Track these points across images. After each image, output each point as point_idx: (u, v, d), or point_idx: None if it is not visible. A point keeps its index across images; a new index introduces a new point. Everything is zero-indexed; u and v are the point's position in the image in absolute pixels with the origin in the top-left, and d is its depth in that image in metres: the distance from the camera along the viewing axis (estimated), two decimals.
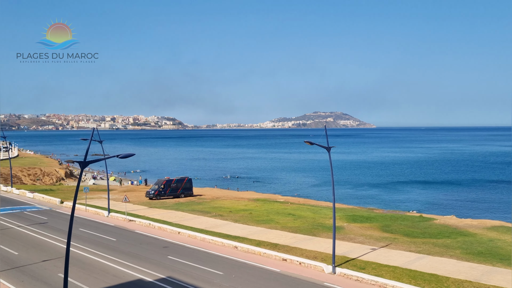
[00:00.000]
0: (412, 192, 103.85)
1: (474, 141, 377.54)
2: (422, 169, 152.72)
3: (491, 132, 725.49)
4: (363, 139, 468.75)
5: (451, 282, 28.93)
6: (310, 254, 36.18)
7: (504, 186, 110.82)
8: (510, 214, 75.98)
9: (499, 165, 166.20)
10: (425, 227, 47.71)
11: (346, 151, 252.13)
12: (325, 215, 54.67)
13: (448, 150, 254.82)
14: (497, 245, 39.22)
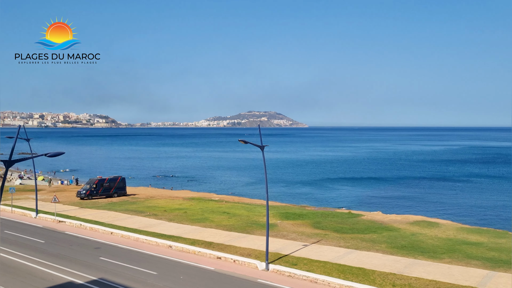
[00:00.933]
0: (342, 189, 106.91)
1: (399, 141, 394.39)
2: (351, 168, 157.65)
3: (415, 132, 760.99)
4: (296, 138, 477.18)
5: (377, 275, 30.08)
6: (244, 251, 36.39)
7: (426, 183, 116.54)
8: (431, 209, 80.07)
9: (421, 163, 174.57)
10: (353, 223, 49.29)
11: (280, 150, 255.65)
12: (259, 213, 55.16)
13: (375, 149, 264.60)
14: (418, 238, 41.22)
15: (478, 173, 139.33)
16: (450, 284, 28.32)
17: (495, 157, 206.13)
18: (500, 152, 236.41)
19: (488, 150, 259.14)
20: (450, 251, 36.66)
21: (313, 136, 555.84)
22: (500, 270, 31.28)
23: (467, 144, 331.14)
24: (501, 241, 40.86)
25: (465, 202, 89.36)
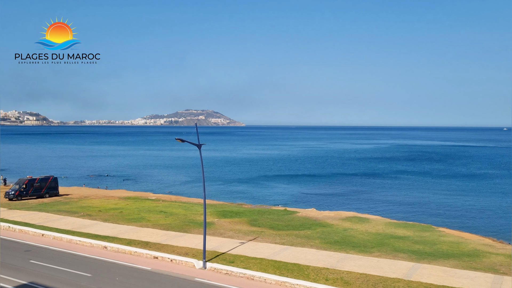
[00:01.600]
0: (278, 187, 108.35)
1: (332, 139, 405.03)
2: (287, 166, 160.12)
3: (347, 131, 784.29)
4: (233, 136, 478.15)
5: (311, 270, 30.82)
6: (181, 250, 36.11)
7: (357, 180, 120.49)
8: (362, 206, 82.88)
9: (352, 161, 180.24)
10: (289, 220, 50.16)
11: (217, 148, 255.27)
12: (196, 211, 54.88)
13: (310, 148, 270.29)
14: (350, 234, 42.61)
15: (404, 170, 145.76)
16: (379, 276, 29.50)
17: (420, 155, 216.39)
18: (425, 150, 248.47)
19: (414, 148, 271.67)
20: (379, 245, 38.16)
21: (250, 134, 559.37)
22: (424, 262, 32.94)
23: (395, 142, 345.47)
24: (426, 235, 43.05)
25: (393, 198, 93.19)
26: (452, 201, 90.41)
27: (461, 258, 34.29)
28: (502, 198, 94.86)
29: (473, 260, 33.81)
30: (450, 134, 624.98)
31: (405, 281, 28.63)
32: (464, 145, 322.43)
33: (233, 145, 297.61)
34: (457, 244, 39.42)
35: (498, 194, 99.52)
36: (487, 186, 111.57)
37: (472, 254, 35.69)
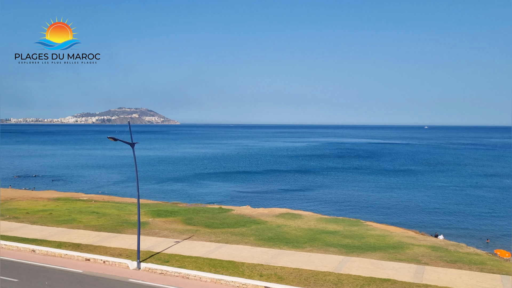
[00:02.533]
0: (213, 185, 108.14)
1: (265, 138, 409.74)
2: (222, 164, 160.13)
3: (279, 129, 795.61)
4: (168, 135, 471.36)
5: (246, 267, 31.05)
6: (114, 251, 35.18)
7: (290, 177, 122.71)
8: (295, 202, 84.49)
9: (286, 158, 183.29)
10: (224, 217, 50.21)
11: (151, 147, 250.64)
12: (130, 211, 53.64)
13: (244, 146, 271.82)
14: (284, 230, 43.32)
15: (334, 167, 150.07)
16: (311, 270, 30.22)
17: (349, 152, 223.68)
18: (353, 148, 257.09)
19: (343, 146, 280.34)
20: (311, 240, 39.08)
21: (185, 133, 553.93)
22: (353, 255, 34.12)
23: (325, 140, 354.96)
24: (354, 229, 44.59)
25: (325, 194, 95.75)
26: (379, 196, 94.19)
27: (387, 250, 35.82)
28: (424, 192, 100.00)
29: (398, 252, 35.42)
30: (376, 132, 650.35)
31: (336, 274, 29.51)
32: (389, 142, 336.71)
33: (167, 144, 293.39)
34: (383, 237, 41.13)
35: (420, 189, 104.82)
36: (410, 181, 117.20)
37: (397, 246, 37.37)
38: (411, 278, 28.67)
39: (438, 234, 54.98)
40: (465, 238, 60.73)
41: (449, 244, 40.40)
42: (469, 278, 28.86)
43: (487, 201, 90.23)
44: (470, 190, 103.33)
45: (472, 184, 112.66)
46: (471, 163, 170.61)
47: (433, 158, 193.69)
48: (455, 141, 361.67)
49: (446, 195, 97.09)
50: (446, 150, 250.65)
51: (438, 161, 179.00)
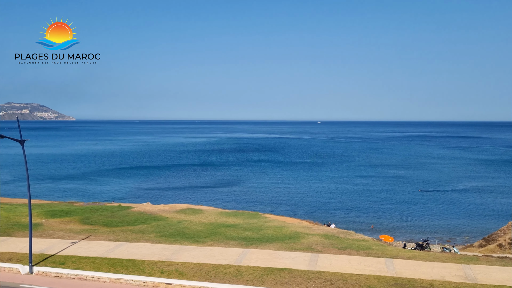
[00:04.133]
0: (111, 182, 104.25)
1: (165, 134, 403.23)
2: (120, 160, 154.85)
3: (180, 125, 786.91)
4: (62, 132, 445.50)
5: (147, 264, 30.35)
6: (4, 256, 32.56)
7: (191, 172, 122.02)
8: (196, 197, 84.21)
9: (186, 154, 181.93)
10: (123, 215, 48.60)
11: (43, 144, 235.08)
12: (21, 212, 49.93)
13: (144, 142, 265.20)
14: (184, 225, 42.97)
15: (234, 162, 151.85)
16: (212, 264, 30.31)
17: (248, 146, 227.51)
18: (252, 142, 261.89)
19: (242, 140, 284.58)
20: (212, 234, 39.18)
21: (81, 129, 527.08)
22: (252, 247, 34.77)
23: (224, 136, 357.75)
24: (253, 221, 45.46)
25: (224, 188, 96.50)
26: (277, 189, 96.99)
27: (284, 241, 36.97)
28: (317, 183, 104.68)
29: (294, 242, 36.72)
30: (273, 127, 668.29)
31: (236, 266, 29.88)
32: (285, 137, 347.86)
33: (61, 141, 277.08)
34: (280, 228, 42.38)
35: (313, 180, 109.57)
36: (305, 174, 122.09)
37: (293, 237, 38.72)
38: (306, 266, 29.88)
39: (331, 223, 57.82)
40: (354, 225, 64.64)
41: (340, 232, 42.67)
42: (357, 263, 30.71)
43: (372, 190, 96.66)
44: (358, 180, 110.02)
45: (359, 175, 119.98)
46: (357, 155, 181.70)
47: (324, 151, 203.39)
48: (344, 135, 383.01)
49: (337, 185, 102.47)
50: (336, 143, 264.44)
51: (329, 154, 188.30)
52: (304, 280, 27.32)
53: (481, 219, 70.30)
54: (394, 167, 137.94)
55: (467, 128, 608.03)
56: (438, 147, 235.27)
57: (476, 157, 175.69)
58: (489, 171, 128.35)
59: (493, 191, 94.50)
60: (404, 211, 76.40)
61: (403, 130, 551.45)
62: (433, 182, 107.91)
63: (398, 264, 30.28)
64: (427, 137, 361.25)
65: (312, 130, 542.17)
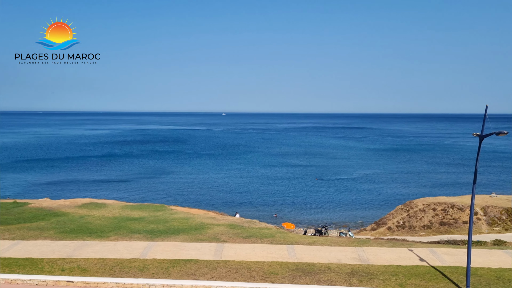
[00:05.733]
0: (5, 178, 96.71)
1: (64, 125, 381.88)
2: (15, 154, 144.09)
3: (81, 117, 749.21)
4: None
5: (46, 263, 28.65)
6: None
7: (93, 165, 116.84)
8: (99, 191, 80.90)
9: (87, 146, 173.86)
10: (19, 212, 45.34)
11: None
12: None
13: (41, 134, 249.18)
14: (87, 220, 41.11)
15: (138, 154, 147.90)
16: (116, 259, 29.36)
17: (152, 138, 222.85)
18: (156, 134, 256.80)
19: (146, 132, 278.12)
20: (116, 228, 37.91)
21: None
22: (158, 240, 34.21)
23: (128, 127, 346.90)
24: (159, 214, 44.69)
25: (129, 181, 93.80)
26: (182, 180, 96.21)
27: (190, 232, 36.80)
28: (222, 174, 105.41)
29: (200, 233, 36.70)
30: (178, 119, 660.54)
31: (141, 260, 29.23)
32: (191, 128, 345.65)
33: None
34: (186, 219, 42.10)
35: (219, 171, 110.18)
36: (210, 164, 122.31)
37: (198, 227, 38.67)
38: (212, 256, 30.04)
39: (236, 213, 58.63)
40: (259, 214, 66.17)
41: (244, 221, 43.38)
42: (261, 250, 31.48)
43: (275, 179, 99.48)
44: (261, 170, 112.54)
45: (263, 165, 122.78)
46: (260, 146, 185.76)
47: (229, 142, 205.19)
48: (248, 127, 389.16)
49: (242, 176, 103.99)
50: (240, 134, 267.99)
51: (233, 144, 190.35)
52: (210, 270, 27.48)
53: (373, 205, 75.33)
54: (295, 157, 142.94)
55: (360, 120, 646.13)
56: (333, 137, 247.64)
57: (368, 146, 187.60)
58: (380, 160, 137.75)
59: (383, 178, 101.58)
60: (304, 199, 79.58)
61: (302, 121, 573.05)
62: (330, 170, 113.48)
63: (299, 250, 31.51)
64: (324, 128, 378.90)
65: (217, 121, 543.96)
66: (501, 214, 47.15)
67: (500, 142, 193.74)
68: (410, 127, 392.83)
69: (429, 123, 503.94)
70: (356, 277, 25.98)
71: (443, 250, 32.00)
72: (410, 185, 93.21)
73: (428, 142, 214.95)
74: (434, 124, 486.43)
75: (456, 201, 52.17)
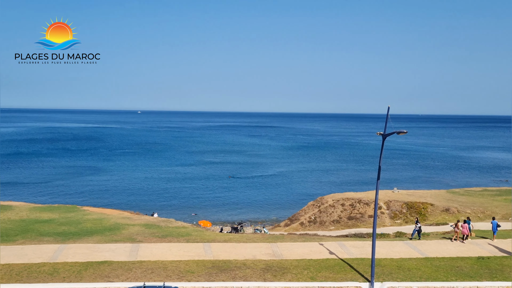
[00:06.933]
0: None
1: None
2: None
3: None
4: None
5: None
6: None
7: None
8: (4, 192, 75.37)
9: None
10: None
11: None
12: None
13: None
14: None
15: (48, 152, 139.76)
16: (24, 264, 27.61)
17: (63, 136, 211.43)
18: (66, 132, 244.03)
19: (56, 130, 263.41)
20: (23, 232, 35.61)
21: None
22: (69, 242, 32.62)
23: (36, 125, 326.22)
24: (71, 215, 42.63)
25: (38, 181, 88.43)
26: (96, 180, 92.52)
27: (103, 233, 35.51)
28: (138, 173, 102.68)
29: (114, 233, 35.54)
30: (90, 116, 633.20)
31: (51, 263, 27.71)
32: (104, 126, 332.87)
33: None
34: (100, 220, 40.55)
35: (135, 170, 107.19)
36: (126, 163, 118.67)
37: (113, 228, 37.42)
38: (127, 257, 29.24)
39: (154, 213, 57.52)
40: (176, 213, 65.38)
41: (160, 220, 42.71)
42: (177, 249, 31.17)
43: (192, 177, 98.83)
44: (178, 169, 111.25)
45: (180, 163, 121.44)
46: (177, 144, 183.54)
47: (145, 140, 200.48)
48: (165, 125, 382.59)
49: (158, 174, 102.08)
50: (156, 133, 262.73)
51: (150, 143, 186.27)
52: (125, 271, 26.74)
53: (287, 201, 77.42)
54: (211, 155, 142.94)
55: (274, 119, 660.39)
56: (249, 136, 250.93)
57: (281, 144, 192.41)
58: (293, 157, 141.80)
59: (296, 175, 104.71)
60: (221, 197, 79.90)
61: (218, 120, 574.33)
62: (245, 168, 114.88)
63: (215, 248, 31.64)
64: (239, 126, 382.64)
65: (132, 119, 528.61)
66: (402, 207, 50.59)
67: (401, 140, 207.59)
68: (320, 126, 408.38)
69: (338, 122, 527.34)
70: (270, 272, 26.62)
71: (351, 243, 33.76)
72: (321, 181, 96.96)
73: (337, 140, 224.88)
74: (343, 123, 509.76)
75: (363, 196, 55.17)
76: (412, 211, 50.01)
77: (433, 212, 49.38)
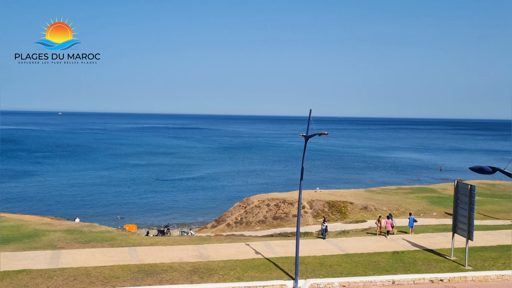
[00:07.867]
0: None
1: None
2: None
3: None
4: None
5: None
6: None
7: None
8: None
9: None
10: None
11: None
12: None
13: None
14: None
15: None
16: None
17: None
18: None
19: None
20: None
21: None
22: None
23: None
24: None
25: None
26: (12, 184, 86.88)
27: (22, 241, 33.44)
28: (60, 177, 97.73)
29: (34, 240, 33.58)
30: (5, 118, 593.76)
31: None
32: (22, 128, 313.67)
33: None
34: (17, 227, 38.15)
35: (55, 174, 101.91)
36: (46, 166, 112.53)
37: (32, 235, 35.36)
38: (47, 265, 27.76)
39: (76, 217, 55.04)
40: (100, 217, 62.99)
41: (83, 225, 40.98)
42: (101, 255, 30.07)
43: (117, 180, 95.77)
44: (102, 172, 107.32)
45: (103, 166, 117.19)
46: (100, 146, 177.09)
47: (67, 142, 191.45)
48: (87, 127, 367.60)
49: (81, 178, 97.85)
50: (78, 135, 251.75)
51: (71, 145, 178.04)
52: (45, 279, 25.37)
53: (214, 203, 77.33)
54: (137, 158, 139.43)
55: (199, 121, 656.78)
56: (174, 138, 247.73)
57: (207, 146, 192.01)
58: (219, 159, 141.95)
59: (222, 177, 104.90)
60: (147, 200, 78.18)
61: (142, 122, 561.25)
62: (171, 170, 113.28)
63: (141, 252, 30.92)
64: (164, 128, 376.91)
65: (53, 121, 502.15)
66: (324, 206, 52.40)
67: (322, 142, 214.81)
68: (245, 128, 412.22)
69: (263, 124, 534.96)
70: (197, 274, 26.48)
71: (276, 242, 34.44)
72: (247, 182, 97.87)
73: (262, 142, 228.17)
74: (267, 125, 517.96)
75: (287, 196, 56.45)
76: (333, 209, 51.95)
77: (352, 210, 51.66)
